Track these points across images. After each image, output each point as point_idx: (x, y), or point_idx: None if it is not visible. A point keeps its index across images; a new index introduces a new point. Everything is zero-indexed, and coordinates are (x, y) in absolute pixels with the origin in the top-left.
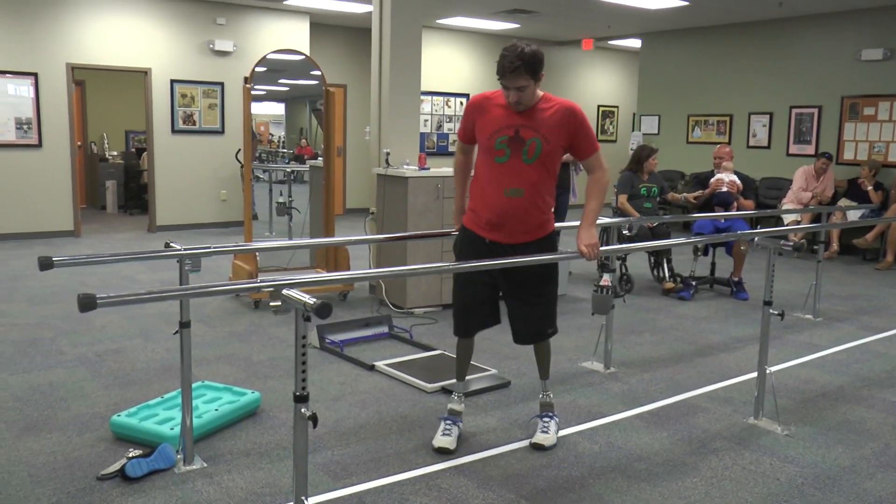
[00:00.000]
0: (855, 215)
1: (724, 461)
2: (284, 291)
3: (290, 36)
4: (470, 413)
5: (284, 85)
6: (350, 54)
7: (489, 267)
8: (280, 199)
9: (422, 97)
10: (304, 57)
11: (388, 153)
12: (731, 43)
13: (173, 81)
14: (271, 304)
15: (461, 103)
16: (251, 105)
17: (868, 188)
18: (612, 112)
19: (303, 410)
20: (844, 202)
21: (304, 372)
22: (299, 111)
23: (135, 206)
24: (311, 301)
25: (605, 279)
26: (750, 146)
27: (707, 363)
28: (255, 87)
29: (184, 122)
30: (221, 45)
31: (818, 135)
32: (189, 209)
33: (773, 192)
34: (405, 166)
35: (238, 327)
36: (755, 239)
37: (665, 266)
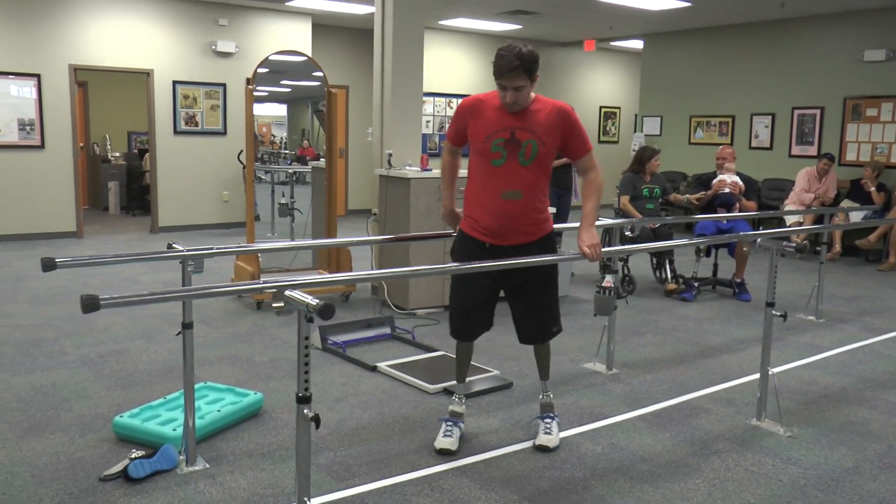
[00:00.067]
0: (857, 216)
1: (727, 462)
2: (287, 292)
3: (292, 37)
4: (472, 414)
5: (286, 86)
6: (352, 55)
7: (491, 268)
8: (282, 201)
9: (424, 98)
10: (306, 58)
11: (390, 154)
12: (733, 44)
13: (175, 82)
14: (274, 305)
15: None
16: (253, 106)
17: (871, 189)
18: (615, 113)
19: (305, 411)
20: (847, 203)
21: (306, 373)
22: (301, 112)
23: (137, 207)
24: (313, 302)
25: (608, 280)
26: (752, 147)
27: (709, 364)
28: (258, 88)
29: (186, 124)
30: (223, 46)
31: (820, 136)
32: (191, 210)
33: (775, 193)
34: (407, 167)
35: (240, 328)
36: (757, 240)
37: (667, 267)
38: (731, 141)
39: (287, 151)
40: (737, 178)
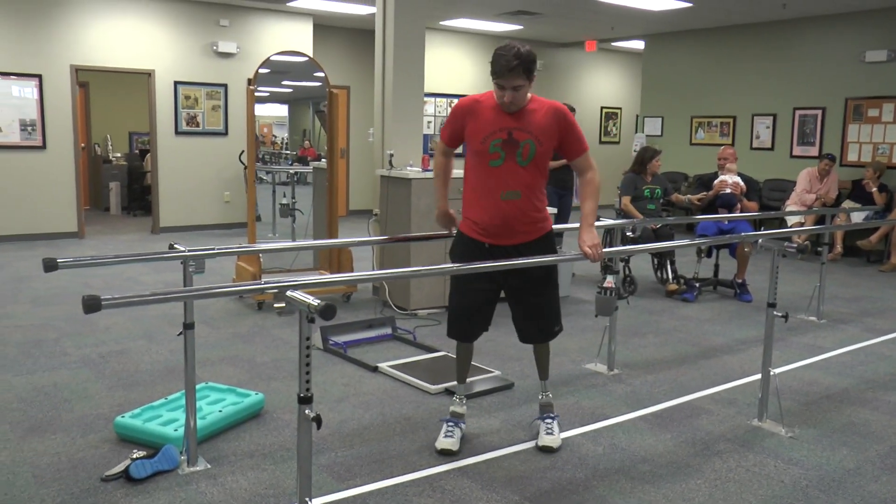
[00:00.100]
0: (859, 217)
1: (728, 463)
2: (288, 293)
3: (293, 37)
4: (473, 415)
5: (288, 87)
6: (353, 56)
7: (492, 268)
8: (283, 201)
9: (425, 99)
10: (307, 58)
11: (391, 155)
12: (735, 44)
13: (177, 83)
14: (275, 305)
15: None
16: (254, 106)
17: (872, 190)
18: (616, 113)
19: (306, 412)
20: (848, 204)
21: (307, 373)
22: (303, 113)
23: (138, 208)
24: (314, 302)
25: (609, 281)
26: (753, 148)
27: (711, 365)
28: (259, 88)
29: (187, 124)
30: (225, 46)
31: (822, 136)
32: (192, 211)
33: (776, 193)
34: (408, 168)
35: (242, 329)
36: (759, 241)
37: (668, 268)
38: (732, 141)
39: (288, 152)
40: (738, 179)
